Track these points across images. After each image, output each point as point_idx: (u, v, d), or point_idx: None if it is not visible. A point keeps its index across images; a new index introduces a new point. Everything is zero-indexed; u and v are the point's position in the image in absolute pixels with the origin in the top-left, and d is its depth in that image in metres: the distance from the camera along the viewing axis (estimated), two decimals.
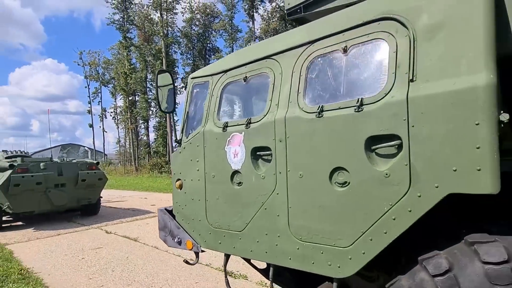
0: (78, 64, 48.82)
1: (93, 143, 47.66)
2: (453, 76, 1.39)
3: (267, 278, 2.76)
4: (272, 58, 2.16)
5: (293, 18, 2.86)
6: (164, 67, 36.48)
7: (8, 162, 8.69)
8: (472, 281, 1.30)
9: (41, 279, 4.79)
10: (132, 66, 41.12)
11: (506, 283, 1.24)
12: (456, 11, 1.43)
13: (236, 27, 39.97)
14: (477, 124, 1.30)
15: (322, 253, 1.79)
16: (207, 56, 42.23)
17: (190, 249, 2.62)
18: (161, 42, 36.73)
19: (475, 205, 1.69)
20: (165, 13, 37.46)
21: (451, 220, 1.73)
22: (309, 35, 1.97)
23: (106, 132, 49.31)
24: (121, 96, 43.51)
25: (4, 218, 9.08)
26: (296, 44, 2.04)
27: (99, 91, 49.60)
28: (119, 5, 40.39)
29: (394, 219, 1.52)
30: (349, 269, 1.68)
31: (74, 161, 10.09)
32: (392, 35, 1.61)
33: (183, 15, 39.91)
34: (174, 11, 38.00)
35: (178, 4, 38.32)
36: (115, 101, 49.20)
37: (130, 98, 42.11)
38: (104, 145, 49.40)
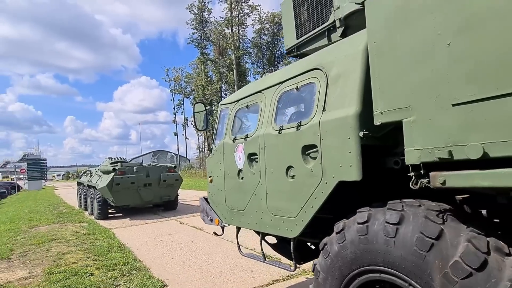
0: (165, 80, 55.41)
1: (177, 149, 53.49)
2: (341, 108, 2.22)
3: (275, 250, 3.73)
4: (261, 92, 3.17)
5: (291, 55, 3.82)
6: (235, 78, 39.32)
7: (111, 166, 11.23)
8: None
9: (132, 251, 6.54)
10: (208, 79, 45.16)
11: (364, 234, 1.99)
12: (347, 68, 2.25)
13: None
14: (349, 138, 2.12)
15: (283, 222, 2.73)
16: (276, 63, 43.92)
17: (217, 225, 3.76)
18: (233, 54, 39.66)
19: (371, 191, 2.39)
20: (236, 27, 40.38)
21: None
22: (280, 78, 2.93)
23: (188, 139, 54.78)
24: None
25: (110, 211, 11.72)
26: (274, 83, 3.01)
27: (182, 102, 55.52)
28: (197, 25, 44.96)
29: (315, 198, 2.39)
30: (296, 231, 2.58)
31: (158, 165, 12.34)
32: (318, 80, 2.48)
33: (253, 27, 42.40)
34: (244, 25, 40.72)
35: (248, 17, 40.95)
36: None
37: (207, 108, 46.23)
38: (186, 151, 54.94)
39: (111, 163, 12.19)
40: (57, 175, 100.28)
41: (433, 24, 1.60)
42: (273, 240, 3.65)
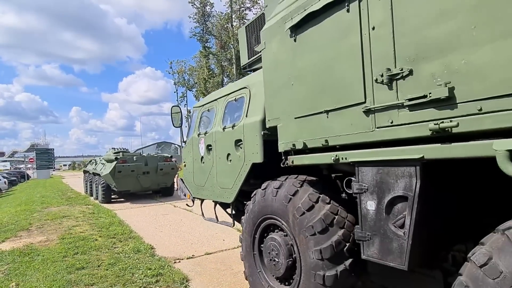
0: (169, 73, 56.52)
1: (181, 140, 54.76)
2: (254, 116, 3.41)
3: (231, 217, 4.95)
4: (217, 100, 4.36)
5: (245, 70, 4.98)
6: (235, 72, 40.34)
7: (114, 156, 12.53)
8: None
9: (129, 226, 7.85)
10: (210, 72, 46.17)
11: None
12: (258, 89, 3.43)
13: None
14: (256, 135, 3.31)
15: (225, 192, 3.95)
16: None
17: (189, 198, 5.00)
18: (233, 49, 40.59)
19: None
20: (238, 21, 41.16)
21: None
22: (227, 91, 4.12)
23: None
24: None
25: (112, 196, 13.08)
26: (223, 95, 4.20)
27: (185, 95, 56.67)
28: (200, 19, 45.80)
29: (241, 175, 3.59)
30: (232, 198, 3.80)
31: (155, 155, 13.64)
32: (246, 95, 3.67)
33: None
34: (245, 19, 41.47)
35: (250, 11, 41.69)
36: None
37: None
38: None
39: (114, 153, 13.51)
40: (63, 165, 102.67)
41: (287, 71, 2.77)
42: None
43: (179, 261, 5.13)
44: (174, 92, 57.40)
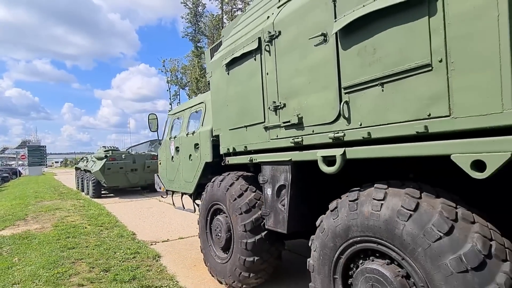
0: (162, 71, 57.16)
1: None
2: (207, 125, 4.41)
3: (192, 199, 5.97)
4: (184, 111, 5.36)
5: None
6: None
7: (104, 154, 13.44)
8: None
9: (116, 217, 8.81)
10: (202, 72, 46.97)
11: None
12: (209, 105, 4.45)
13: None
14: (207, 141, 4.33)
15: (188, 185, 4.96)
16: None
17: (163, 190, 6.01)
18: None
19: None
20: (229, 22, 42.00)
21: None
22: (191, 104, 5.12)
23: None
24: None
25: (102, 192, 13.98)
26: (188, 106, 5.20)
27: (178, 93, 57.38)
28: (192, 19, 46.53)
29: (198, 171, 4.61)
30: (192, 189, 4.82)
31: (143, 153, 14.57)
32: (203, 108, 4.68)
33: None
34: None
35: (241, 12, 42.53)
36: None
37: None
38: None
39: (104, 151, 14.40)
40: (56, 162, 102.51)
41: (224, 96, 3.78)
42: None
43: (155, 244, 6.13)
44: (167, 90, 58.19)
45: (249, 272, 3.59)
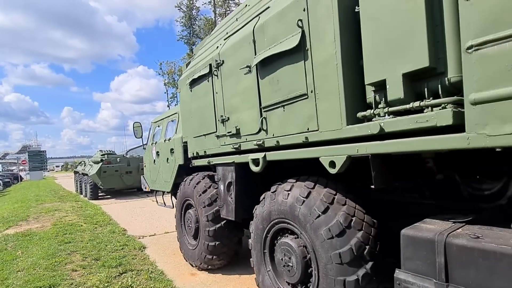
0: (159, 74, 57.82)
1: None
2: (179, 133, 5.18)
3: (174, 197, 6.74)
4: (163, 119, 6.12)
5: None
6: None
7: (100, 157, 14.21)
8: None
9: (110, 216, 9.59)
10: None
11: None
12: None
13: None
14: (180, 146, 5.08)
15: (166, 184, 5.72)
16: None
17: (148, 190, 6.77)
18: None
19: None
20: None
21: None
22: (169, 113, 5.88)
23: None
24: None
25: (100, 194, 14.75)
26: (167, 116, 5.96)
27: (175, 95, 58.08)
28: (186, 23, 47.27)
29: (173, 172, 5.37)
30: (170, 188, 5.58)
31: (137, 156, 15.33)
32: (177, 117, 5.44)
33: None
34: None
35: None
36: None
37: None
38: None
39: (100, 155, 15.16)
40: (56, 166, 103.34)
41: (189, 109, 4.53)
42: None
43: (143, 237, 6.89)
44: (165, 93, 58.94)
45: (212, 255, 4.35)
